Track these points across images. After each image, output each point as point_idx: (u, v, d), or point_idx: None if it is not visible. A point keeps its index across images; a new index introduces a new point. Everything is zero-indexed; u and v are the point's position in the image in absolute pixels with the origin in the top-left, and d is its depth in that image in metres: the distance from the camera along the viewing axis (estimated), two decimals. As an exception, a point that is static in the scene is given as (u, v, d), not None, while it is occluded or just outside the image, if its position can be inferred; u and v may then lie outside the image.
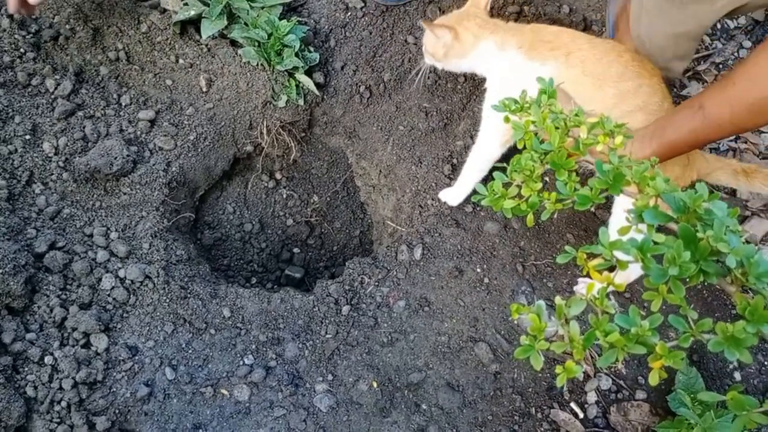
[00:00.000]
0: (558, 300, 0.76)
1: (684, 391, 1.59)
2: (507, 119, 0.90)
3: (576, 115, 0.83)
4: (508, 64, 1.56)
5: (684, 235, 0.70)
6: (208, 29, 1.78)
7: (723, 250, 0.66)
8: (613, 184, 0.74)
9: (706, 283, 1.83)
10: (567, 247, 0.77)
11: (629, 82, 1.41)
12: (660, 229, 0.74)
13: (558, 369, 0.72)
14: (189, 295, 1.60)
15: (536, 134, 0.84)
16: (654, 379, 0.72)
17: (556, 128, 0.82)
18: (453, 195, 1.82)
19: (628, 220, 0.74)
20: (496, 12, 2.15)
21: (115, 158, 1.63)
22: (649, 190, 0.71)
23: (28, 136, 1.64)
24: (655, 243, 0.71)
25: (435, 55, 1.68)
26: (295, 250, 2.16)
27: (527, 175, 0.82)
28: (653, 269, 0.69)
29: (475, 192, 0.97)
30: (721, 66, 2.30)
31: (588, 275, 1.12)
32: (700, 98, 1.26)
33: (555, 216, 1.88)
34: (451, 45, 1.60)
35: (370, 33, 2.08)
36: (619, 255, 0.73)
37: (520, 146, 0.88)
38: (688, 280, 0.71)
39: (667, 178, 0.74)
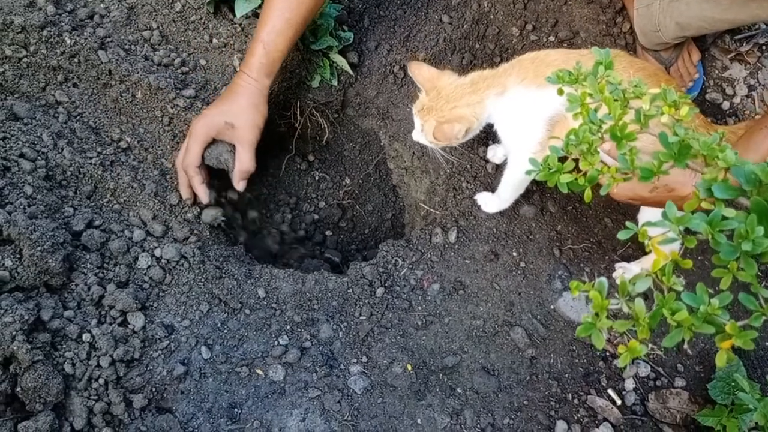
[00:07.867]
0: (622, 277, 0.73)
1: (725, 378, 1.56)
2: (561, 91, 0.87)
3: (636, 86, 0.80)
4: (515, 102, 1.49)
5: (757, 209, 0.66)
6: (242, 8, 1.76)
7: (800, 225, 0.62)
8: (679, 156, 0.71)
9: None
10: (628, 223, 0.74)
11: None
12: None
13: (621, 349, 0.70)
14: (224, 275, 1.59)
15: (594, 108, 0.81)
16: (721, 361, 0.69)
17: (615, 100, 0.79)
18: (492, 204, 1.78)
19: (697, 195, 0.71)
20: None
21: (227, 159, 1.65)
22: (719, 163, 0.68)
23: (64, 115, 1.65)
24: (725, 218, 0.68)
25: (451, 142, 1.59)
26: (327, 232, 2.15)
27: (586, 148, 0.79)
28: (724, 245, 0.66)
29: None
30: (764, 47, 2.22)
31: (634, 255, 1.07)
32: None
33: (593, 199, 1.85)
34: (471, 127, 1.52)
35: (405, 12, 2.04)
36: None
37: (575, 120, 0.85)
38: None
39: (736, 151, 0.71)
